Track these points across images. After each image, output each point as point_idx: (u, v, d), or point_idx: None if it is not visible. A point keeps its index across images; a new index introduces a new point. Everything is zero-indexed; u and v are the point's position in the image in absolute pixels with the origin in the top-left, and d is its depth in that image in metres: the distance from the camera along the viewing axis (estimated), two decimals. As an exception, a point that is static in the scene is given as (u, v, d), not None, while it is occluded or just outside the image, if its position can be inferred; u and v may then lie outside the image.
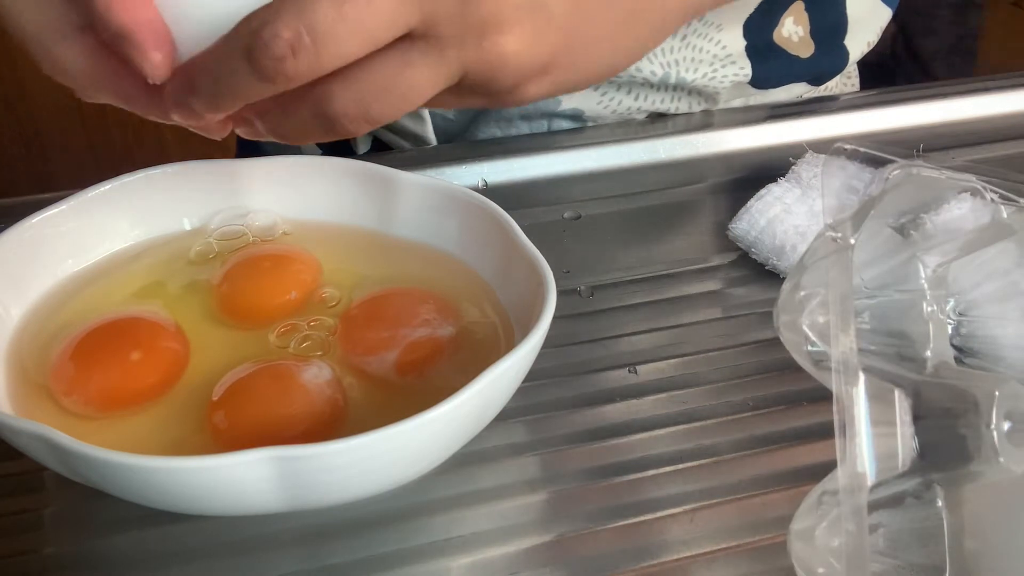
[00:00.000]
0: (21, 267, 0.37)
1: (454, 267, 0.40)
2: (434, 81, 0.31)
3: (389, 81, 0.30)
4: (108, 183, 0.39)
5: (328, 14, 0.28)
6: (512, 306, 0.38)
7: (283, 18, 0.28)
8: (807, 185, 0.46)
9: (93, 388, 0.34)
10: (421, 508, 0.34)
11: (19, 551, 0.33)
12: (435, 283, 0.39)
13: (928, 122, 0.56)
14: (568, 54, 0.32)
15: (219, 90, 0.30)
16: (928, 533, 0.31)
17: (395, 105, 0.31)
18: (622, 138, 0.53)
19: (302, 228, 0.42)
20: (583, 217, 0.49)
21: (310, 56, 0.28)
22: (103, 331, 0.36)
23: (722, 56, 0.53)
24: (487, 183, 0.50)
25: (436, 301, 0.38)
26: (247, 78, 0.29)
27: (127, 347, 0.35)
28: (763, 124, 0.54)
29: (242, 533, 0.33)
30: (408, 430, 0.29)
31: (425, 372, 0.36)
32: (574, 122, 0.55)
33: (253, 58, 0.29)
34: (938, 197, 0.44)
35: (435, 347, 0.36)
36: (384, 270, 0.40)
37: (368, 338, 0.37)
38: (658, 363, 0.40)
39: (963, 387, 0.31)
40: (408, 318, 0.37)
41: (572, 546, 0.33)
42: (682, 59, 0.52)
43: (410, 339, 0.36)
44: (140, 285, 0.39)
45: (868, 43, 0.59)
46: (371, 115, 0.31)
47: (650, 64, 0.51)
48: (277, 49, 0.28)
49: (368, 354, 0.36)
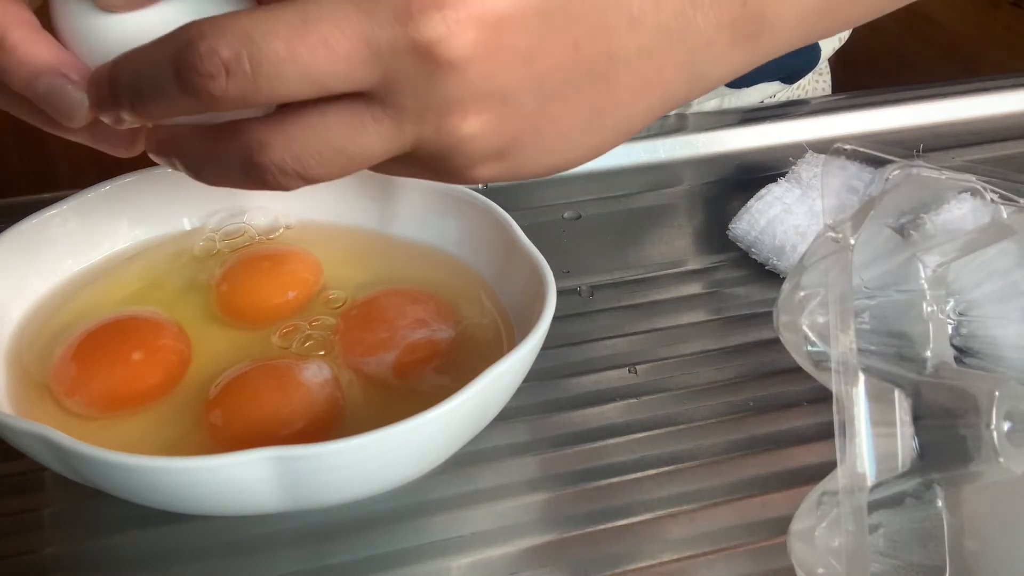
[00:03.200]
0: (21, 267, 0.37)
1: (455, 267, 0.40)
2: (383, 150, 0.28)
3: (335, 141, 0.28)
4: (108, 183, 0.39)
5: (278, 49, 0.25)
6: (512, 306, 0.38)
7: (226, 37, 0.25)
8: (807, 185, 0.46)
9: (95, 389, 0.34)
10: (421, 508, 0.34)
11: (19, 551, 0.33)
12: (437, 283, 0.39)
13: (928, 122, 0.56)
14: (525, 146, 0.30)
15: (139, 89, 0.28)
16: (928, 533, 0.31)
17: (337, 166, 0.28)
18: (622, 138, 0.53)
19: (303, 228, 0.42)
20: (583, 217, 0.49)
21: (245, 83, 0.26)
22: (104, 331, 0.36)
23: None
24: (487, 183, 0.50)
25: (436, 302, 0.38)
26: (170, 86, 0.26)
27: (128, 348, 0.35)
28: (763, 124, 0.54)
29: (242, 533, 0.33)
30: (408, 430, 0.29)
31: (425, 372, 0.36)
32: None
33: (181, 67, 0.26)
34: (938, 197, 0.44)
35: (435, 348, 0.36)
36: (386, 271, 0.40)
37: (368, 339, 0.37)
38: (658, 363, 0.40)
39: (963, 387, 0.31)
40: (408, 319, 0.37)
41: (572, 546, 0.33)
42: None
43: (409, 340, 0.36)
44: (141, 285, 0.39)
45: (840, 39, 0.59)
46: (308, 173, 0.28)
47: None
48: (209, 66, 0.25)
49: (368, 355, 0.36)
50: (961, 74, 0.60)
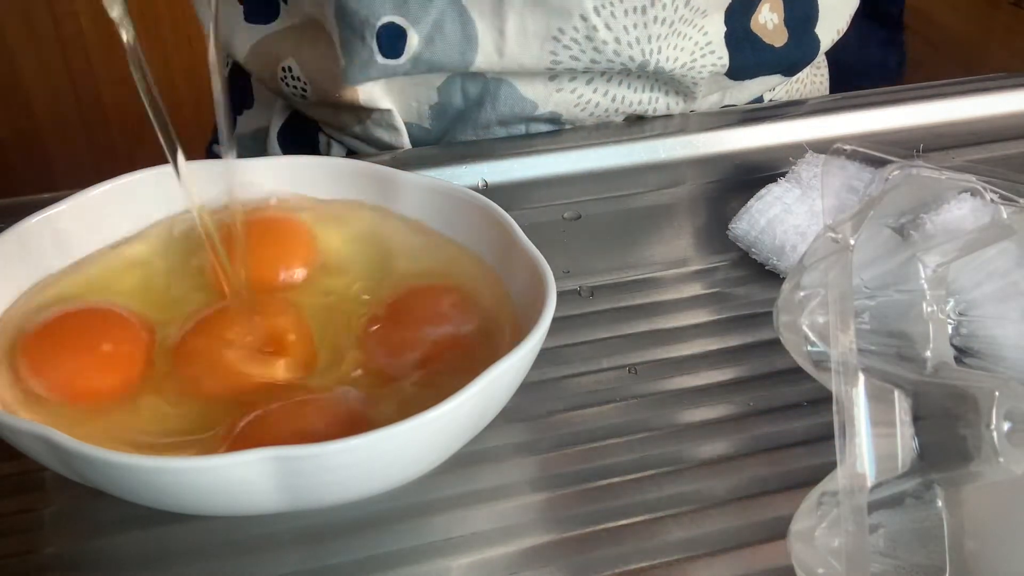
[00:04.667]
0: (21, 267, 0.37)
1: (466, 256, 0.40)
2: None
3: None
4: (108, 183, 0.39)
5: None
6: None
7: None
8: (807, 185, 0.46)
9: (61, 377, 0.34)
10: (421, 508, 0.34)
11: (19, 551, 0.33)
12: (452, 276, 0.39)
13: (928, 122, 0.56)
14: None
15: None
16: (928, 533, 0.31)
17: None
18: (622, 138, 0.53)
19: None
20: (583, 217, 0.49)
21: None
22: (60, 326, 0.36)
23: (703, 44, 0.53)
24: (487, 183, 0.50)
25: (460, 295, 0.38)
26: None
27: (85, 342, 0.35)
28: (763, 124, 0.54)
29: (242, 533, 0.33)
30: (408, 430, 0.29)
31: (429, 369, 0.36)
32: (552, 125, 0.55)
33: None
34: (938, 197, 0.44)
35: (450, 346, 0.36)
36: (394, 256, 0.40)
37: (392, 337, 0.37)
38: (658, 363, 0.40)
39: (963, 387, 0.31)
40: (430, 317, 0.37)
41: (572, 546, 0.33)
42: (666, 46, 0.51)
43: (432, 338, 0.36)
44: (129, 274, 0.39)
45: (838, 31, 0.59)
46: None
47: (630, 49, 0.50)
48: None
49: (383, 351, 0.36)
50: (961, 74, 0.60)
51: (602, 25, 0.49)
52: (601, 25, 0.49)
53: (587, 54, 0.50)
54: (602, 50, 0.50)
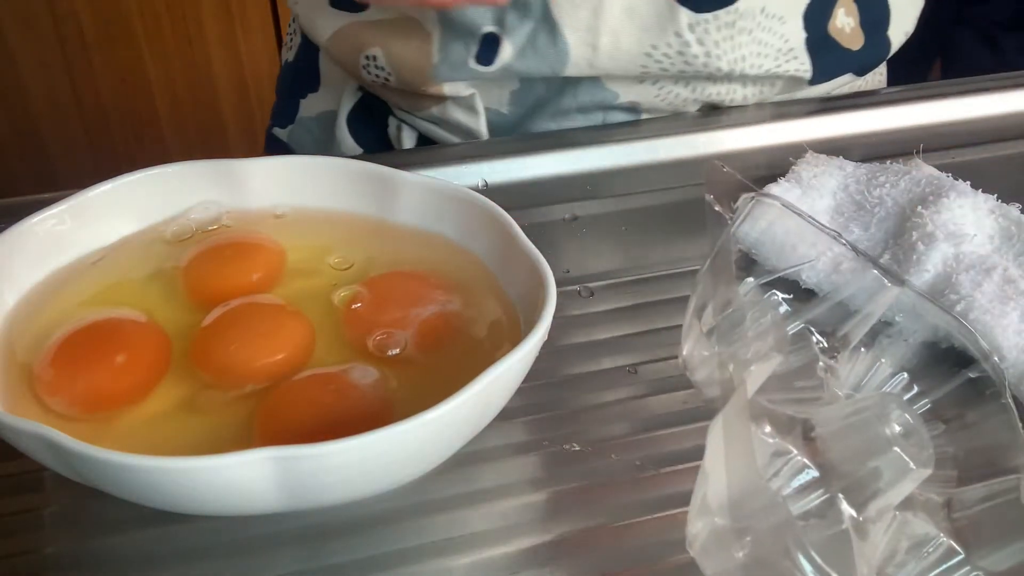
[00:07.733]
0: (21, 267, 0.37)
1: (463, 255, 0.40)
2: None
3: None
4: (108, 183, 0.39)
5: None
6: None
7: None
8: (807, 185, 0.46)
9: (78, 391, 0.34)
10: (421, 508, 0.34)
11: (19, 551, 0.33)
12: (444, 271, 0.39)
13: (928, 122, 0.56)
14: None
15: None
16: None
17: None
18: (623, 138, 0.53)
19: (303, 214, 0.42)
20: (583, 217, 0.49)
21: None
22: (85, 333, 0.36)
23: (784, 50, 0.53)
24: (487, 183, 0.50)
25: (441, 281, 0.38)
26: None
27: (106, 351, 0.35)
28: (763, 124, 0.54)
29: (242, 533, 0.33)
30: (408, 430, 0.29)
31: (428, 353, 0.36)
32: (630, 114, 0.55)
33: None
34: (936, 193, 0.44)
35: (441, 327, 0.36)
36: (390, 255, 0.40)
37: (379, 319, 0.37)
38: (658, 363, 0.40)
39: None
40: (416, 299, 0.37)
41: (572, 546, 0.33)
42: (748, 54, 0.52)
43: (422, 318, 0.37)
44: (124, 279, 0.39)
45: (905, 33, 0.59)
46: None
47: (718, 60, 0.51)
48: None
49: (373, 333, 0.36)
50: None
51: (695, 40, 0.50)
52: (694, 41, 0.50)
53: (676, 65, 0.51)
54: (692, 63, 0.51)
